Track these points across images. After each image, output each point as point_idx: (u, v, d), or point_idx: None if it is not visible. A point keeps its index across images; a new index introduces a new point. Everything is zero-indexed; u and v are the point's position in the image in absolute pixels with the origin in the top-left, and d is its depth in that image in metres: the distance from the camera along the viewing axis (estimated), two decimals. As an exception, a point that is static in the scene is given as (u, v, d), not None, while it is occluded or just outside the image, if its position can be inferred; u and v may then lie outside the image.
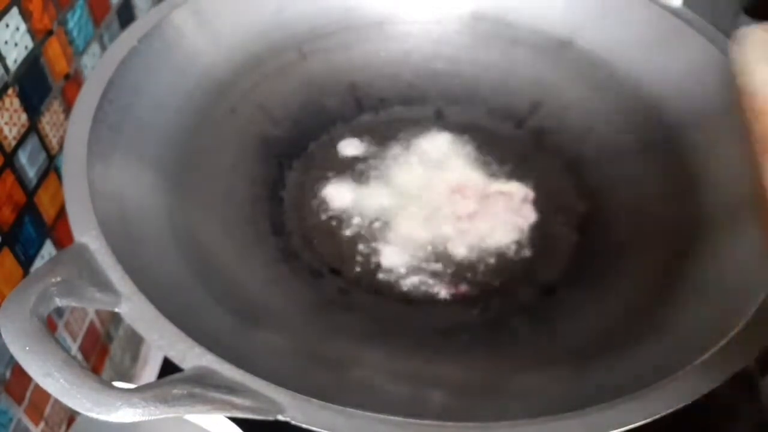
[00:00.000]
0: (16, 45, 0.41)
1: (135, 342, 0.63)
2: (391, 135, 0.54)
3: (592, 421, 0.28)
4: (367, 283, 0.45)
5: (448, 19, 0.56)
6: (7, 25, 0.40)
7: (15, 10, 0.41)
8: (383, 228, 0.48)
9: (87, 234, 0.33)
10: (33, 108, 0.44)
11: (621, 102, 0.50)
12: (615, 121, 0.51)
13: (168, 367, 0.29)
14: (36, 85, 0.44)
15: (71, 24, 0.47)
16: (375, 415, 0.28)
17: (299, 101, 0.54)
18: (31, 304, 0.28)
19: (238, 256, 0.44)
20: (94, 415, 0.26)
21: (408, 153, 0.53)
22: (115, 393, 0.26)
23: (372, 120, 0.55)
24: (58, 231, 0.48)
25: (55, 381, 0.26)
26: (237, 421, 0.39)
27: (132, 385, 0.27)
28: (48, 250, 0.47)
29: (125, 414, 0.26)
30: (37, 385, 0.27)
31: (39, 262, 0.46)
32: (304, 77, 0.54)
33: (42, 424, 0.48)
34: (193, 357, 0.29)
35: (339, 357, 0.39)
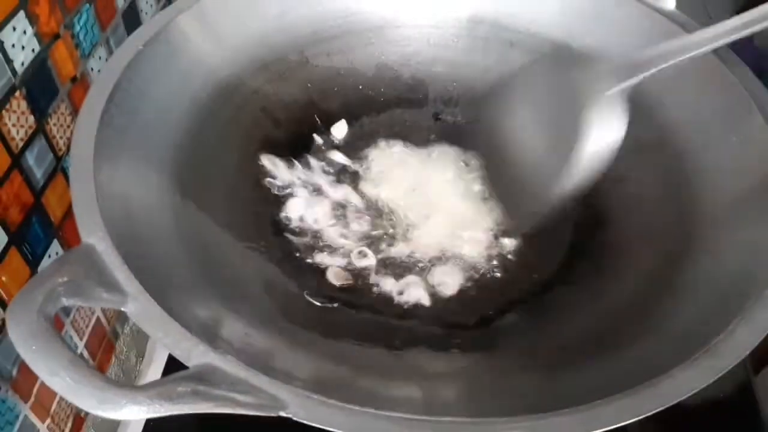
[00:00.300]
0: (23, 48, 0.42)
1: (140, 339, 0.63)
2: (391, 137, 0.54)
3: (586, 418, 0.28)
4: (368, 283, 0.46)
5: (446, 23, 0.57)
6: (14, 29, 0.41)
7: (22, 13, 0.41)
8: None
9: (94, 234, 0.33)
10: (40, 110, 0.44)
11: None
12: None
13: (173, 365, 0.29)
14: (43, 88, 0.45)
15: (77, 27, 0.48)
16: (376, 412, 0.29)
17: (301, 104, 0.54)
18: (38, 303, 0.28)
19: (241, 255, 0.44)
20: (99, 413, 0.26)
21: (407, 153, 0.53)
22: (121, 391, 0.26)
23: (372, 122, 0.56)
24: (65, 231, 0.49)
25: (62, 380, 0.26)
26: (241, 419, 0.39)
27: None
28: (55, 249, 0.47)
29: (130, 412, 0.26)
30: (44, 383, 0.27)
31: (46, 261, 0.46)
32: (306, 80, 0.55)
33: (48, 420, 0.48)
34: (198, 355, 0.29)
35: (340, 355, 0.39)
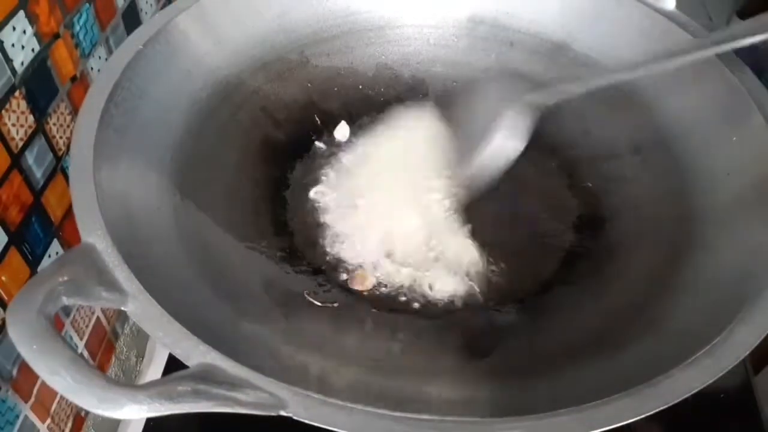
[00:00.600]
0: (23, 48, 0.42)
1: (141, 339, 0.63)
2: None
3: (585, 418, 0.28)
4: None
5: (446, 23, 0.57)
6: (14, 28, 0.41)
7: (21, 13, 0.41)
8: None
9: (94, 234, 0.33)
10: (40, 110, 0.44)
11: (615, 104, 0.51)
12: (609, 123, 0.51)
13: (173, 364, 0.29)
14: (43, 88, 0.45)
15: (77, 27, 0.48)
16: (376, 411, 0.29)
17: (301, 104, 0.55)
18: (39, 303, 0.28)
19: (241, 255, 0.44)
20: (100, 413, 0.26)
21: (406, 154, 0.53)
22: (121, 391, 0.26)
23: (372, 122, 0.56)
24: (64, 231, 0.48)
25: (62, 379, 0.26)
26: (242, 418, 0.39)
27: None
28: (55, 249, 0.47)
29: (131, 411, 0.26)
30: (44, 382, 0.27)
31: (46, 261, 0.46)
32: (306, 80, 0.55)
33: (48, 420, 0.48)
34: (198, 354, 0.29)
35: (341, 354, 0.39)
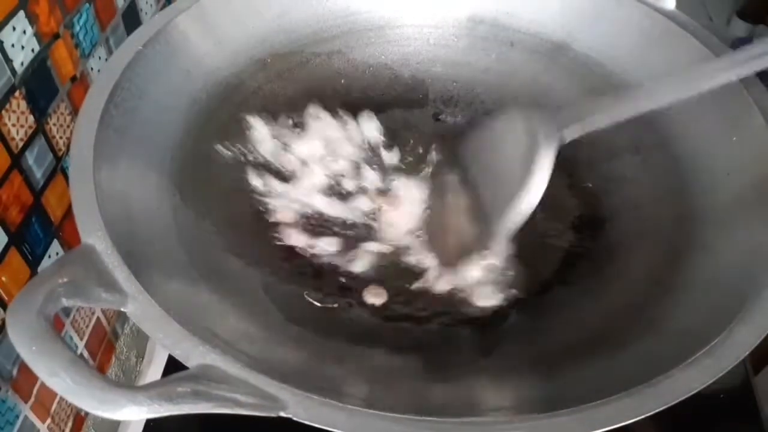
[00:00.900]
0: (23, 48, 0.42)
1: (140, 340, 0.63)
2: (390, 137, 0.54)
3: (585, 418, 0.28)
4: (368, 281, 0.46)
5: (446, 23, 0.57)
6: (14, 29, 0.41)
7: (22, 13, 0.41)
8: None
9: (93, 235, 0.33)
10: (40, 110, 0.44)
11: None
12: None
13: (173, 365, 0.29)
14: (43, 88, 0.45)
15: (77, 27, 0.48)
16: (376, 412, 0.29)
17: (301, 104, 0.54)
18: (39, 304, 0.28)
19: (241, 255, 0.44)
20: (100, 414, 0.26)
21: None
22: (121, 391, 0.26)
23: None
24: (64, 231, 0.49)
25: (62, 380, 0.26)
26: (242, 419, 0.39)
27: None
28: (55, 249, 0.48)
29: (130, 412, 0.26)
30: (44, 383, 0.27)
31: (46, 261, 0.47)
32: (306, 80, 0.55)
33: (48, 420, 0.48)
34: (198, 355, 0.29)
35: (341, 355, 0.39)
